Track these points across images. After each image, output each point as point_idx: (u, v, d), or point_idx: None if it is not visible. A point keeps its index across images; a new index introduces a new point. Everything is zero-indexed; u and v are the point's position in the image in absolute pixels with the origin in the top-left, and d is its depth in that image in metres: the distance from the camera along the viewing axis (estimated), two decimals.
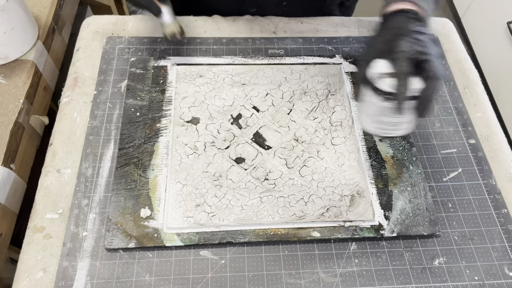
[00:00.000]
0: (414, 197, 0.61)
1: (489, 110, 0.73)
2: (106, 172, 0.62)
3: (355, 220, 0.58)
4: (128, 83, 0.69)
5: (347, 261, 0.57)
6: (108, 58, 0.73)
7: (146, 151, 0.63)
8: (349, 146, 0.65)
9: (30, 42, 0.75)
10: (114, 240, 0.56)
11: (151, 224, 0.57)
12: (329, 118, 0.68)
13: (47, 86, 0.79)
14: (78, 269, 0.54)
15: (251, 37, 0.78)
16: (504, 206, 0.62)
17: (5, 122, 0.67)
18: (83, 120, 0.67)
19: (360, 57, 0.72)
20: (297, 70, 0.73)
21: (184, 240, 0.56)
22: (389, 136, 0.64)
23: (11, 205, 0.66)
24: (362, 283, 0.55)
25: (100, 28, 0.78)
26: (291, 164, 0.63)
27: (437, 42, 0.80)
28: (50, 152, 0.64)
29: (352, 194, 0.61)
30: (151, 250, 0.56)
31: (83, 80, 0.71)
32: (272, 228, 0.57)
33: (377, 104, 0.55)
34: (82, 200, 0.59)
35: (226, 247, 0.57)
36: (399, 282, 0.56)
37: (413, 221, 0.59)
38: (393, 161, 0.64)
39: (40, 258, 0.55)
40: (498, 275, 0.57)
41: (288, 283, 0.55)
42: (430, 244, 0.59)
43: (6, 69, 0.72)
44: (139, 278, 0.54)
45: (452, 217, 0.61)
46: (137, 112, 0.66)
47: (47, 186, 0.60)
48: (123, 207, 0.58)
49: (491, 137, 0.69)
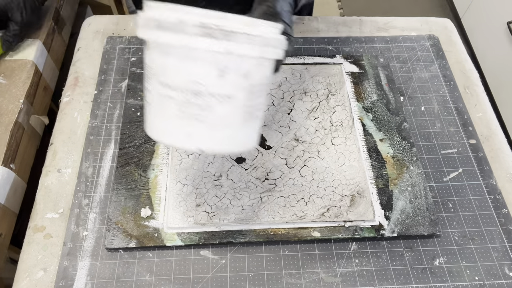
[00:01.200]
0: (414, 197, 0.61)
1: (490, 110, 0.73)
2: (106, 171, 0.62)
3: (356, 220, 0.58)
4: (128, 83, 0.69)
5: (348, 261, 0.57)
6: (108, 58, 0.73)
7: (147, 151, 0.63)
8: (350, 146, 0.65)
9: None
10: (115, 240, 0.55)
11: (151, 224, 0.57)
12: (330, 118, 0.68)
13: (47, 86, 0.79)
14: (79, 269, 0.54)
15: None
16: (505, 206, 0.62)
17: (5, 122, 0.67)
18: (83, 119, 0.67)
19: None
20: (297, 70, 0.73)
21: (185, 240, 0.56)
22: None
23: (11, 205, 0.66)
24: (362, 283, 0.55)
25: (100, 28, 0.78)
26: (291, 164, 0.63)
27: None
28: (51, 151, 0.64)
29: (352, 194, 0.61)
30: (151, 250, 0.56)
31: (84, 79, 0.71)
32: (273, 228, 0.57)
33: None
34: (83, 200, 0.59)
35: (227, 247, 0.57)
36: (400, 282, 0.56)
37: (413, 221, 0.59)
38: (393, 161, 0.64)
39: (40, 258, 0.55)
40: (498, 275, 0.57)
41: (288, 283, 0.55)
42: (431, 244, 0.59)
43: (6, 69, 0.72)
44: (140, 277, 0.54)
45: (452, 217, 0.61)
46: (138, 112, 0.66)
47: (47, 185, 0.60)
48: (123, 207, 0.58)
49: (492, 137, 0.69)
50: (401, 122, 0.68)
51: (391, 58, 0.78)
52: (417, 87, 0.74)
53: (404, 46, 0.80)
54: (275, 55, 0.45)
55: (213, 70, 0.41)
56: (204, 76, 0.42)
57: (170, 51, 0.41)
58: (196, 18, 0.40)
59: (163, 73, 0.43)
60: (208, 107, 0.43)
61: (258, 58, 0.43)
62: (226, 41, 0.41)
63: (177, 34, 0.40)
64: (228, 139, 0.45)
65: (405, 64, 0.77)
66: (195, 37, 0.40)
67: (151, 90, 0.44)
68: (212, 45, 0.40)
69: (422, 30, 0.83)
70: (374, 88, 0.72)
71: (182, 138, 0.44)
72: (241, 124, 0.45)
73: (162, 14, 0.41)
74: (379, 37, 0.80)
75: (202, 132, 0.44)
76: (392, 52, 0.79)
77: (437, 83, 0.75)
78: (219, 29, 0.40)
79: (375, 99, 0.71)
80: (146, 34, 0.42)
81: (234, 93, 0.43)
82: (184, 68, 0.42)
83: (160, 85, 0.43)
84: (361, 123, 0.68)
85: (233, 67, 0.42)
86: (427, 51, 0.79)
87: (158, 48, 0.42)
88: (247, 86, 0.43)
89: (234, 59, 0.42)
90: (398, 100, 0.71)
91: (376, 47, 0.79)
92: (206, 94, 0.42)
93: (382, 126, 0.68)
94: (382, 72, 0.74)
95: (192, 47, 0.40)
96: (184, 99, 0.42)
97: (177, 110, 0.43)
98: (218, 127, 0.44)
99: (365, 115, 0.69)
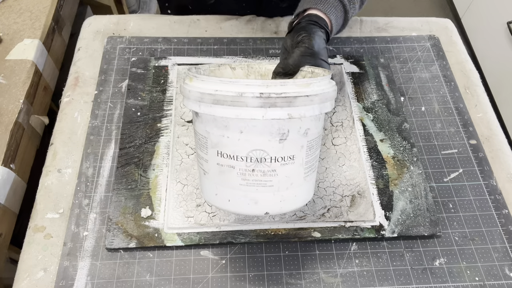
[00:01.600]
0: (414, 197, 0.61)
1: (490, 110, 0.73)
2: (106, 172, 0.62)
3: (356, 221, 0.58)
4: (129, 83, 0.69)
5: (348, 261, 0.57)
6: (109, 58, 0.73)
7: (147, 151, 0.63)
8: (350, 147, 0.65)
9: None
10: (115, 240, 0.55)
11: (151, 224, 0.57)
12: (330, 118, 0.68)
13: (47, 86, 0.79)
14: (79, 269, 0.54)
15: (252, 37, 0.78)
16: (505, 206, 0.62)
17: (5, 122, 0.67)
18: (84, 120, 0.67)
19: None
20: None
21: (185, 240, 0.56)
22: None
23: (11, 205, 0.66)
24: (362, 284, 0.55)
25: (101, 28, 0.78)
26: None
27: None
28: (51, 152, 0.64)
29: (352, 195, 0.61)
30: (151, 250, 0.56)
31: (84, 80, 0.71)
32: (273, 228, 0.57)
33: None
34: (83, 200, 0.59)
35: (227, 247, 0.57)
36: (400, 283, 0.56)
37: (413, 222, 0.59)
38: (393, 161, 0.64)
39: (40, 258, 0.55)
40: (498, 275, 0.57)
41: (288, 283, 0.55)
42: (431, 244, 0.59)
43: (6, 69, 0.72)
44: (140, 278, 0.54)
45: (452, 217, 0.61)
46: (138, 112, 0.66)
47: (47, 185, 0.60)
48: (123, 207, 0.58)
49: (492, 137, 0.69)
50: (401, 122, 0.68)
51: (392, 59, 0.77)
52: (417, 87, 0.74)
53: (404, 47, 0.79)
54: (331, 107, 0.45)
55: (275, 136, 0.41)
56: (266, 143, 0.41)
57: (230, 124, 0.41)
58: (256, 90, 0.39)
59: (222, 144, 0.42)
60: (272, 171, 0.42)
61: (318, 115, 0.43)
62: (288, 107, 0.40)
63: (236, 108, 0.40)
64: (293, 198, 0.45)
65: (406, 64, 0.77)
66: (256, 109, 0.39)
67: (209, 160, 0.44)
68: (274, 114, 0.40)
69: (422, 30, 0.83)
70: (374, 88, 0.72)
71: (247, 205, 0.44)
72: (303, 179, 0.45)
73: (218, 88, 0.40)
74: (380, 37, 0.80)
75: (267, 197, 0.43)
76: (393, 52, 0.78)
77: (437, 84, 0.75)
78: (280, 97, 0.39)
79: (376, 99, 0.71)
80: (201, 109, 0.41)
81: (296, 152, 0.43)
82: (245, 140, 0.41)
83: (219, 155, 0.42)
84: (362, 124, 0.68)
85: (294, 129, 0.42)
86: (428, 51, 0.79)
87: (215, 121, 0.41)
88: (306, 143, 0.44)
89: (295, 122, 0.42)
90: (398, 101, 0.71)
91: (377, 48, 0.79)
92: (269, 159, 0.42)
93: (383, 127, 0.67)
94: (382, 72, 0.74)
95: (253, 118, 0.40)
96: (246, 167, 0.42)
97: (240, 179, 0.42)
98: (282, 188, 0.44)
99: (366, 115, 0.69)
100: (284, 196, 0.44)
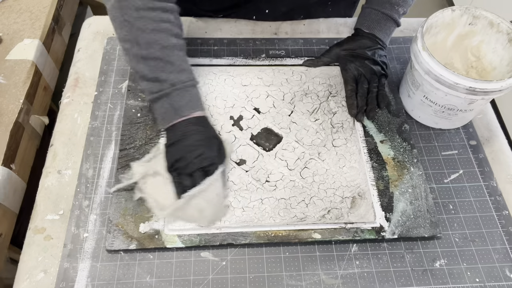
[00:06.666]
0: (415, 198, 0.61)
1: (490, 112, 0.73)
2: (107, 173, 0.62)
3: (356, 222, 0.58)
4: (129, 84, 0.69)
5: (348, 262, 0.57)
6: (109, 59, 0.73)
7: (147, 152, 0.63)
8: (350, 148, 0.65)
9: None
10: (115, 242, 0.55)
11: (152, 225, 0.57)
12: (330, 119, 0.68)
13: (47, 86, 0.79)
14: (79, 271, 0.54)
15: (252, 38, 0.78)
16: (505, 208, 0.62)
17: (5, 122, 0.67)
18: (83, 121, 0.66)
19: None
20: (298, 71, 0.73)
21: (185, 242, 0.56)
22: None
23: (11, 205, 0.66)
24: (363, 285, 0.55)
25: (101, 29, 0.77)
26: (292, 165, 0.63)
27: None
28: (51, 153, 0.63)
29: (353, 196, 0.61)
30: (152, 252, 0.56)
31: (84, 80, 0.71)
32: (273, 230, 0.57)
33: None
34: (83, 201, 0.59)
35: (227, 248, 0.57)
36: (400, 284, 0.56)
37: (414, 223, 0.59)
38: (394, 162, 0.64)
39: (40, 260, 0.55)
40: (499, 277, 0.57)
41: (289, 285, 0.55)
42: (431, 246, 0.59)
43: (6, 69, 0.72)
44: (140, 279, 0.54)
45: (453, 219, 0.61)
46: (138, 113, 0.66)
47: (47, 187, 0.60)
48: (124, 209, 0.58)
49: (492, 138, 0.69)
50: (401, 123, 0.68)
51: (392, 59, 0.77)
52: None
53: (404, 47, 0.79)
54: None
55: None
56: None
57: None
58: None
59: None
60: None
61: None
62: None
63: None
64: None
65: (406, 65, 0.77)
66: None
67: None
68: None
69: None
70: None
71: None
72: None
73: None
74: None
75: None
76: (393, 53, 0.78)
77: None
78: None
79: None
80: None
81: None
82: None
83: None
84: (362, 125, 0.67)
85: None
86: None
87: None
88: None
89: None
90: (398, 102, 0.71)
91: None
92: None
93: (383, 128, 0.67)
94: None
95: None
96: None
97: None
98: None
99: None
100: None
